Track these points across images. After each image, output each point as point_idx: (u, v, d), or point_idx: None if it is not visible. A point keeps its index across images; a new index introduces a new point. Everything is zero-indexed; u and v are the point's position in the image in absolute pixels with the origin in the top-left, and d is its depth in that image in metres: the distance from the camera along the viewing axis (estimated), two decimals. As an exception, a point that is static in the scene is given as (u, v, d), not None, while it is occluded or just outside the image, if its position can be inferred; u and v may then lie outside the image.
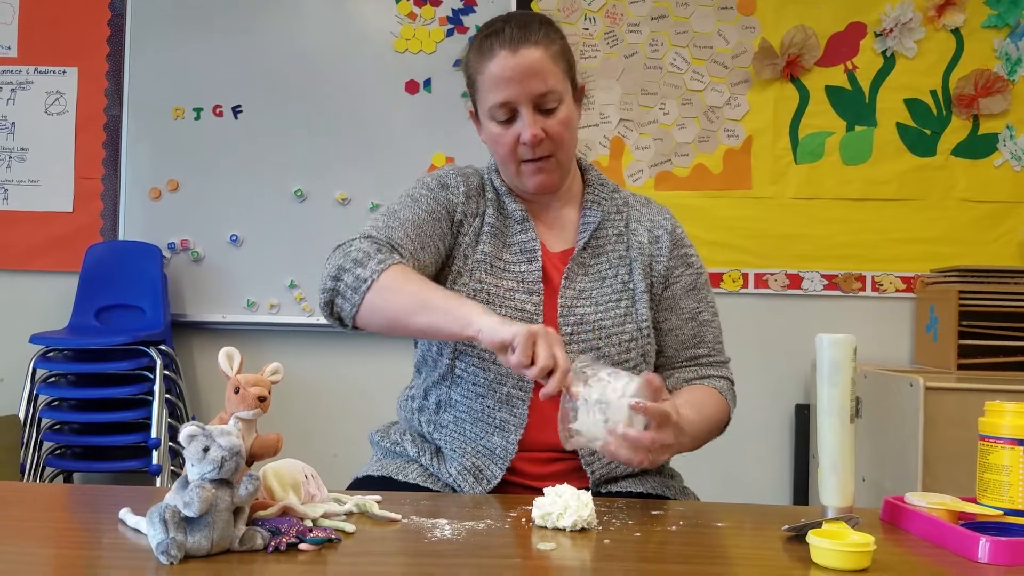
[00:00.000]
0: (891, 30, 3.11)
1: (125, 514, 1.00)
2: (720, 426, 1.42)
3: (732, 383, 1.48)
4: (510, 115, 1.37)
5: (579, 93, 1.44)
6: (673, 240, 1.48)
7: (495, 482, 1.32)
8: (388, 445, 1.46)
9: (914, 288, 3.11)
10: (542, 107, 1.36)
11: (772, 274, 3.15)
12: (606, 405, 1.10)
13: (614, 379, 1.12)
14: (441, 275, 1.42)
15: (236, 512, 0.90)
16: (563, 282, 1.40)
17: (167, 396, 2.91)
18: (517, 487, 1.33)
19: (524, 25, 1.36)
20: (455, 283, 1.39)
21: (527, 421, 1.34)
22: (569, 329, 1.36)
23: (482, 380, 1.35)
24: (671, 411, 1.13)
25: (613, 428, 1.09)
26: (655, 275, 1.45)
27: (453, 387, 1.38)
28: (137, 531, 0.96)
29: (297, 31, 3.19)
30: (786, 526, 1.02)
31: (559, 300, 1.38)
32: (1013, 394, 2.35)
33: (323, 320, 3.39)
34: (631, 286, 1.42)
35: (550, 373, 1.10)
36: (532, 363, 1.10)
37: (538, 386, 1.27)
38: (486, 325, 1.15)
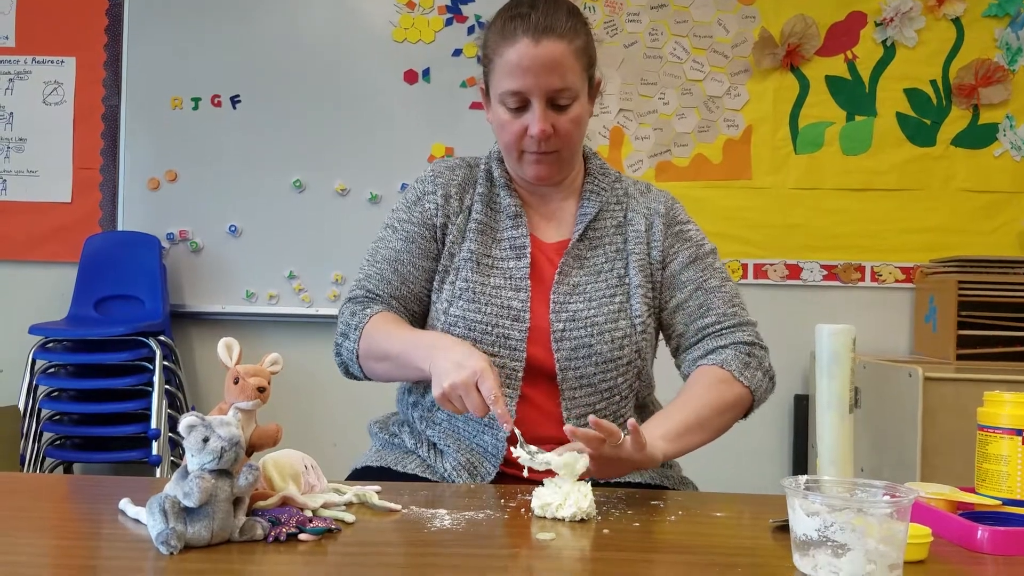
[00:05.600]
0: (891, 19, 3.10)
1: (125, 504, 1.01)
2: (729, 402, 1.32)
3: (750, 344, 1.36)
4: (521, 104, 1.32)
5: (594, 89, 1.40)
6: (666, 221, 1.43)
7: (489, 479, 1.33)
8: (387, 436, 1.47)
9: (913, 278, 3.11)
10: (555, 102, 1.32)
11: (772, 264, 3.14)
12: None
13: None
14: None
15: (236, 502, 0.90)
16: (557, 276, 1.37)
17: (166, 387, 2.91)
18: (516, 480, 1.33)
19: (551, 13, 1.30)
20: (443, 281, 1.39)
21: (515, 417, 1.32)
22: (561, 325, 1.34)
23: None
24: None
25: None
26: (653, 262, 1.41)
27: None
28: (137, 521, 0.96)
29: (296, 21, 3.17)
30: (772, 519, 1.03)
31: (552, 296, 1.36)
32: (1012, 384, 2.35)
33: (322, 310, 3.39)
34: (626, 281, 1.39)
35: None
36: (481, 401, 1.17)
37: (526, 386, 1.34)
38: (432, 370, 1.22)
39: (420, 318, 1.45)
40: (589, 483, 1.07)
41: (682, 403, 1.30)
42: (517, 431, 1.16)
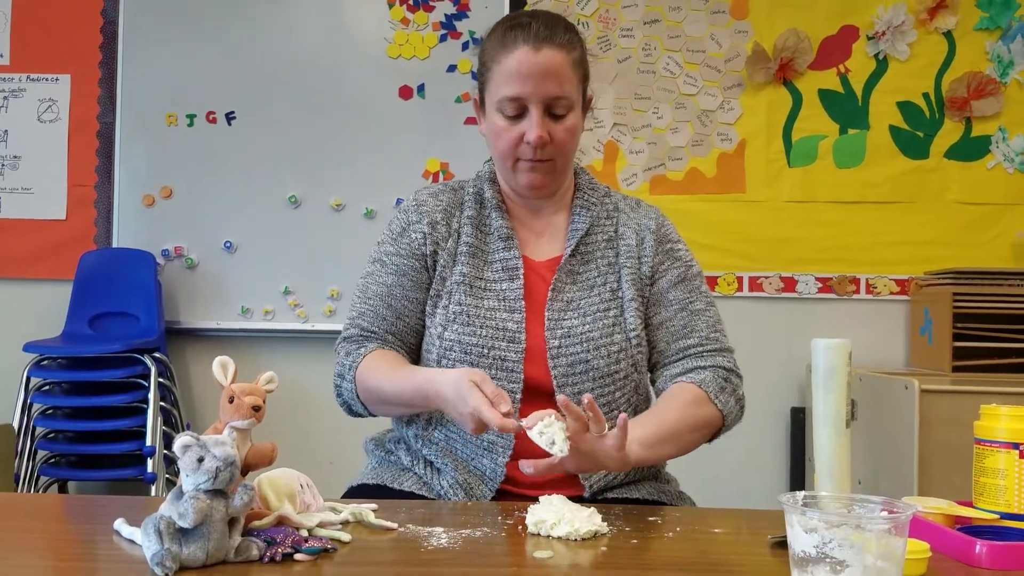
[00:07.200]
0: (883, 33, 3.12)
1: (120, 525, 1.00)
2: (702, 422, 1.34)
3: (728, 370, 1.39)
4: (518, 111, 1.35)
5: (587, 104, 1.43)
6: (658, 238, 1.45)
7: (486, 500, 1.32)
8: (383, 453, 1.46)
9: (908, 290, 3.12)
10: (552, 110, 1.35)
11: (767, 277, 3.15)
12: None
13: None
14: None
15: (231, 522, 0.90)
16: (550, 293, 1.38)
17: (162, 404, 2.90)
18: (513, 496, 1.33)
19: (551, 25, 1.35)
20: (436, 306, 1.39)
21: (515, 443, 1.32)
22: (557, 342, 1.34)
23: None
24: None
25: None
26: (643, 277, 1.42)
27: None
28: (132, 542, 0.96)
29: (291, 37, 3.18)
30: (770, 535, 1.03)
31: (546, 313, 1.36)
32: (1008, 396, 2.35)
33: (317, 326, 3.38)
34: (619, 295, 1.40)
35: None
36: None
37: (524, 406, 1.33)
38: (443, 395, 1.21)
39: (418, 350, 1.45)
40: (592, 508, 1.07)
41: (660, 414, 1.31)
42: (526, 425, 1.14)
